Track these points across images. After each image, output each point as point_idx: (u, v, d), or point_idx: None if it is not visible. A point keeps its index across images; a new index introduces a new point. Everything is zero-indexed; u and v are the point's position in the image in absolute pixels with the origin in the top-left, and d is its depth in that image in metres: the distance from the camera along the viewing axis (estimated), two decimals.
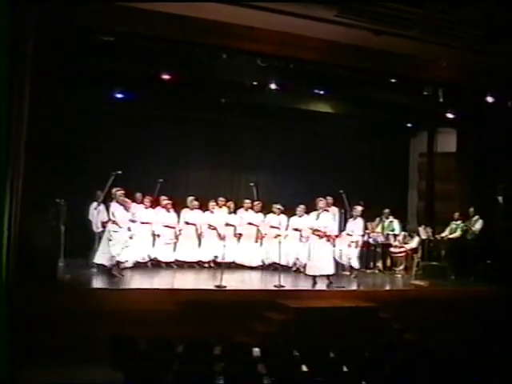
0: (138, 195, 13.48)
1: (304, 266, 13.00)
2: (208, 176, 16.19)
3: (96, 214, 12.63)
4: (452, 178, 16.76)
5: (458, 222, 15.01)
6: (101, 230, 12.55)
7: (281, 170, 16.45)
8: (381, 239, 15.14)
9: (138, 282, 12.00)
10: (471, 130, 15.86)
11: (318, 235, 12.11)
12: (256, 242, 14.36)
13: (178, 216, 13.98)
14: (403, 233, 15.31)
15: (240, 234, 14.28)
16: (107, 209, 12.24)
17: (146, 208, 13.59)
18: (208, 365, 7.12)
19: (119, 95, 13.81)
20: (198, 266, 13.97)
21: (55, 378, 7.82)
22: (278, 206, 14.35)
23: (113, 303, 9.65)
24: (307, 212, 13.78)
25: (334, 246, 12.35)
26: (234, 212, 14.52)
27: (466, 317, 11.28)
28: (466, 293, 12.54)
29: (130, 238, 11.94)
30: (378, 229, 15.25)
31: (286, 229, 14.16)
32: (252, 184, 13.96)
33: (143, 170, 14.57)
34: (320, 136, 16.79)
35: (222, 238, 13.30)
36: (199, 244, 14.07)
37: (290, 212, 14.33)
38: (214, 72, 12.68)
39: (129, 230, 11.95)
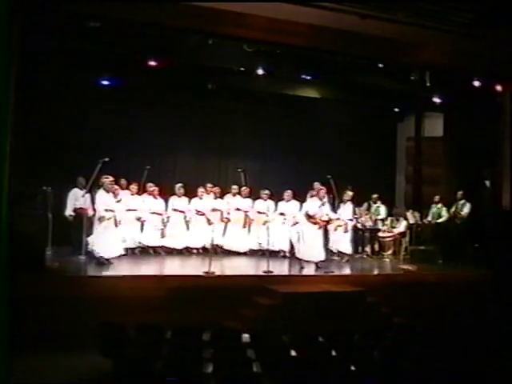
0: (123, 182, 13.41)
1: (290, 251, 13.10)
2: (195, 162, 16.16)
3: (83, 200, 12.55)
4: (439, 162, 16.81)
5: (439, 206, 15.09)
6: (71, 214, 12.58)
7: (268, 155, 16.45)
8: (369, 224, 15.19)
9: (126, 268, 11.95)
10: (458, 114, 15.83)
11: (314, 223, 12.17)
12: (244, 227, 14.37)
13: (166, 203, 13.97)
14: (390, 217, 15.38)
15: (228, 220, 14.28)
16: (92, 197, 12.19)
17: (133, 195, 13.56)
18: (197, 351, 7.13)
19: (105, 82, 13.70)
20: (186, 252, 13.97)
21: (44, 366, 7.82)
22: (266, 192, 14.33)
23: (101, 290, 9.64)
24: (294, 197, 13.85)
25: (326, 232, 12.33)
26: (221, 197, 14.51)
27: (454, 300, 11.37)
28: (454, 277, 12.58)
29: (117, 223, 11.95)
30: (365, 213, 15.27)
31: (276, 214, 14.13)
32: (240, 170, 13.93)
33: (130, 156, 14.49)
34: (307, 121, 16.77)
35: (210, 223, 13.33)
36: (187, 229, 14.07)
37: (278, 198, 14.32)
38: (201, 58, 12.60)
39: (117, 221, 11.97)
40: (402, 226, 15.13)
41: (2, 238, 6.62)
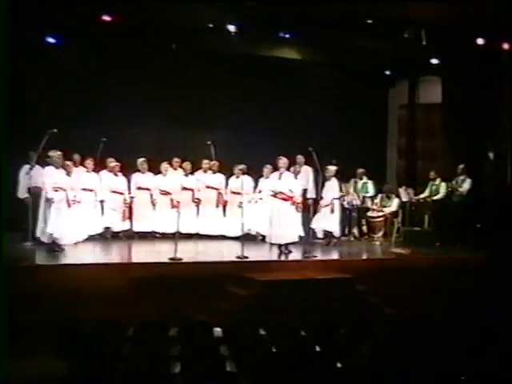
0: (76, 157, 13.27)
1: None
2: (157, 134, 16.09)
3: (27, 178, 12.46)
4: (436, 132, 16.89)
5: (437, 182, 15.14)
6: (26, 196, 12.47)
7: (242, 126, 16.35)
8: (356, 202, 15.21)
9: (81, 256, 11.92)
10: (458, 77, 15.80)
11: (282, 198, 12.19)
12: (217, 207, 14.39)
13: (128, 180, 13.98)
14: (380, 194, 15.43)
15: (198, 200, 14.31)
16: (41, 173, 12.08)
17: (88, 172, 13.49)
18: (163, 348, 7.16)
19: (51, 40, 13.49)
20: (154, 236, 14.13)
21: None
22: (240, 167, 14.32)
23: (53, 281, 9.58)
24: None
25: (299, 211, 12.35)
26: (192, 174, 14.52)
27: (452, 288, 11.49)
28: (452, 261, 12.67)
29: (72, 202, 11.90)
30: (351, 190, 15.31)
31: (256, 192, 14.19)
32: (209, 143, 13.90)
33: (81, 128, 14.28)
34: (286, 86, 16.71)
35: (174, 205, 13.34)
36: (153, 210, 14.16)
37: (256, 173, 14.37)
38: (163, 13, 12.48)
39: (70, 201, 11.87)
40: (393, 205, 15.17)
41: None
